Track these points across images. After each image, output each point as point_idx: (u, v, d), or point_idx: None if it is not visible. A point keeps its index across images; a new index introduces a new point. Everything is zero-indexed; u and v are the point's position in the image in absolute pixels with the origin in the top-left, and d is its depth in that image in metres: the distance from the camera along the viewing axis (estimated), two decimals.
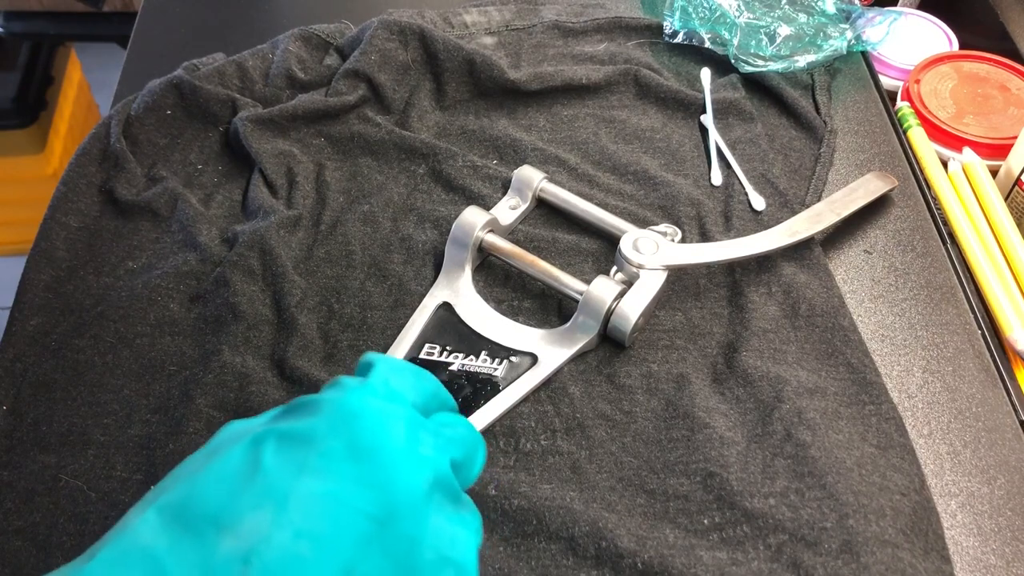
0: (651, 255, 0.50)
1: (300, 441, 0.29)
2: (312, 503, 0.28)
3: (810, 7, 0.68)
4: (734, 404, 0.46)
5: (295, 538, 0.27)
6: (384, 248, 0.54)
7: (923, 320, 0.52)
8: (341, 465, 0.29)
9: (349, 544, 0.28)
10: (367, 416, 0.30)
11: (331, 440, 0.29)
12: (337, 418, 0.30)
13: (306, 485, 0.28)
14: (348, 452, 0.29)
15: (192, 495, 0.28)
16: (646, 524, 0.42)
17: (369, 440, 0.29)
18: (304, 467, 0.28)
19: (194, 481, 0.28)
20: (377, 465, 0.29)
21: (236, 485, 0.28)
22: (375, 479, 0.29)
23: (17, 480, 0.43)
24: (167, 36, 0.71)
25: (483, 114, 0.63)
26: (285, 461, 0.28)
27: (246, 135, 0.58)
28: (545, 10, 0.71)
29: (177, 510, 0.27)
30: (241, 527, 0.27)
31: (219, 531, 0.27)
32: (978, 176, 0.62)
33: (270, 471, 0.28)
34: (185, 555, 0.26)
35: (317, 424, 0.30)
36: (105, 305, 0.50)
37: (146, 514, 0.27)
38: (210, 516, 0.27)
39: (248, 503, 0.27)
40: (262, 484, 0.28)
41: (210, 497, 0.28)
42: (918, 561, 0.40)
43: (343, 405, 0.30)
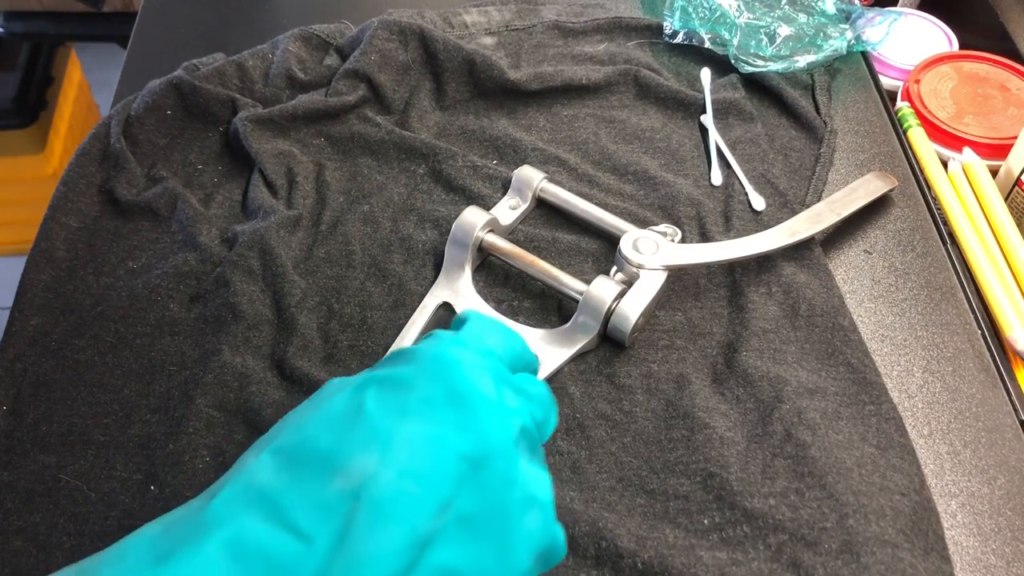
0: (651, 255, 0.50)
1: (400, 387, 0.31)
2: (414, 444, 0.30)
3: (810, 7, 0.68)
4: (734, 404, 0.46)
5: (399, 477, 0.29)
6: (384, 248, 0.54)
7: (923, 320, 0.52)
8: (440, 410, 0.31)
9: (448, 483, 0.30)
10: (462, 366, 0.32)
11: (430, 387, 0.31)
12: (435, 367, 0.32)
13: (408, 428, 0.30)
14: (446, 398, 0.31)
15: (303, 439, 0.30)
16: (646, 524, 0.42)
17: (465, 388, 0.32)
18: (405, 411, 0.30)
19: (304, 426, 0.31)
20: (473, 411, 0.31)
21: (343, 429, 0.30)
22: (471, 424, 0.31)
23: (17, 480, 0.43)
24: (167, 36, 0.71)
25: (483, 114, 0.63)
26: (387, 406, 0.31)
27: (246, 135, 0.58)
28: (545, 10, 0.71)
29: (289, 453, 0.30)
30: (350, 467, 0.29)
31: (330, 471, 0.29)
32: (978, 176, 0.62)
33: (374, 415, 0.30)
34: (300, 493, 0.28)
35: (416, 372, 0.32)
36: (105, 305, 0.50)
37: (260, 457, 0.29)
38: (321, 457, 0.29)
39: (355, 444, 0.29)
40: (367, 427, 0.30)
41: (320, 440, 0.30)
42: (918, 561, 0.40)
43: (440, 355, 0.32)
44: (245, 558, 0.27)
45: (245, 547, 0.27)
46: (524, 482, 0.31)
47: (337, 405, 0.31)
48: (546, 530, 0.32)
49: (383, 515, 0.28)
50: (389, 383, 0.32)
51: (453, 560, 0.29)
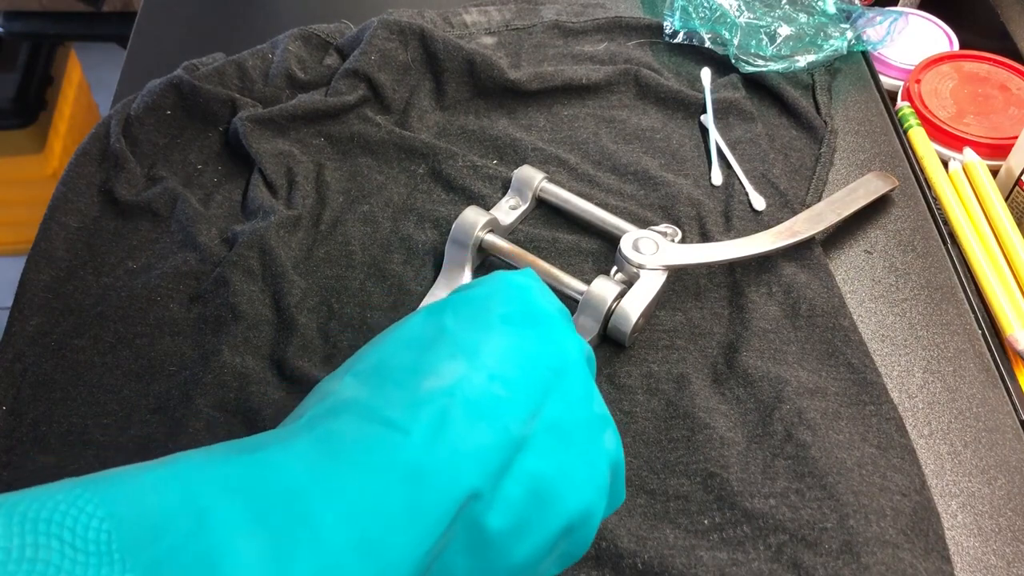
0: (651, 255, 0.50)
1: (477, 307, 0.32)
2: (501, 353, 0.30)
3: (810, 7, 0.68)
4: (734, 404, 0.46)
5: (490, 380, 0.29)
6: (384, 248, 0.54)
7: (923, 320, 0.52)
8: (519, 325, 0.31)
9: (535, 389, 0.30)
10: (535, 290, 0.33)
11: (507, 305, 0.32)
12: (509, 289, 0.33)
13: (493, 340, 0.30)
14: (523, 315, 0.32)
15: (383, 359, 0.30)
16: (646, 524, 0.42)
17: (540, 308, 0.32)
18: (488, 327, 0.31)
19: (382, 350, 0.31)
20: (551, 327, 0.32)
21: (425, 346, 0.30)
22: (551, 338, 0.32)
23: (17, 480, 0.43)
24: (167, 36, 0.71)
25: (483, 114, 0.63)
26: (467, 323, 0.31)
27: (246, 135, 0.58)
28: (545, 10, 0.71)
29: (372, 372, 0.29)
30: (439, 372, 0.29)
31: (418, 376, 0.29)
32: (978, 176, 0.62)
33: (455, 332, 0.30)
34: (389, 396, 0.28)
35: (491, 293, 0.32)
36: (105, 305, 0.50)
37: (344, 379, 0.29)
38: (407, 370, 0.29)
39: (442, 356, 0.29)
40: (451, 342, 0.30)
41: (401, 357, 0.30)
42: (918, 561, 0.40)
43: (511, 281, 0.33)
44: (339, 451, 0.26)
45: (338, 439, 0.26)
46: (599, 401, 0.32)
47: (414, 329, 0.31)
48: (619, 449, 0.32)
49: (478, 411, 0.28)
50: (465, 305, 0.32)
51: (544, 466, 0.29)
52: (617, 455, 0.32)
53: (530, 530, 0.29)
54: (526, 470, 0.29)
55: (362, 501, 0.25)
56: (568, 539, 0.31)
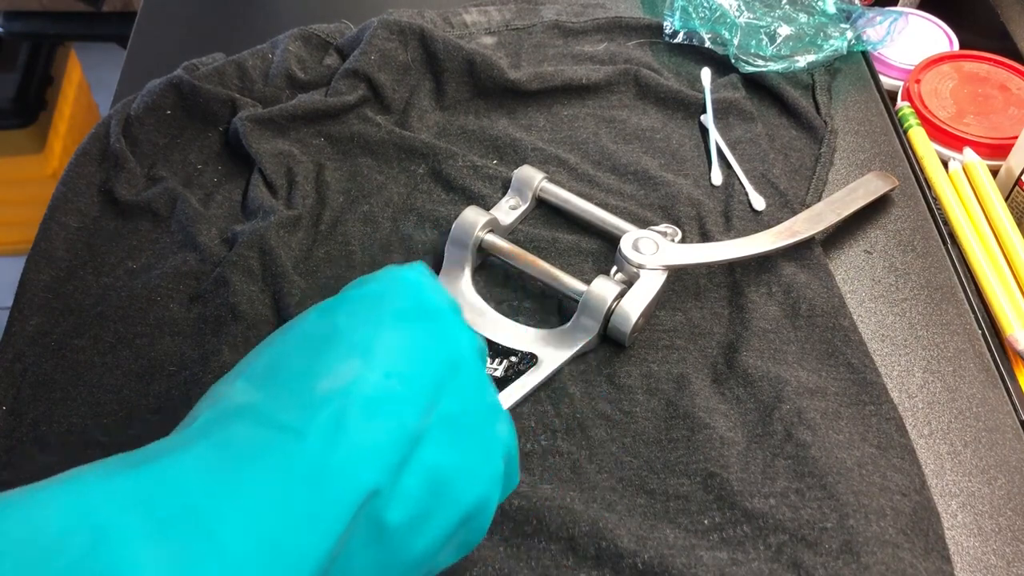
0: (651, 255, 0.50)
1: (370, 303, 0.32)
2: (395, 349, 0.30)
3: (810, 7, 0.68)
4: (734, 404, 0.46)
5: (386, 377, 0.29)
6: (384, 248, 0.54)
7: (923, 320, 0.52)
8: (412, 320, 0.32)
9: (430, 383, 0.30)
10: (427, 285, 0.33)
11: (400, 300, 0.32)
12: (401, 285, 0.33)
13: (386, 336, 0.31)
14: (416, 310, 0.32)
15: (277, 360, 0.30)
16: (646, 524, 0.42)
17: (433, 303, 0.33)
18: (381, 323, 0.31)
19: (274, 351, 0.31)
20: (443, 323, 0.32)
21: (318, 345, 0.30)
22: (444, 333, 0.32)
23: (17, 480, 0.43)
24: (167, 36, 0.71)
25: (483, 114, 0.63)
26: (361, 321, 0.31)
27: (246, 135, 0.58)
28: (545, 10, 0.71)
29: (267, 373, 0.30)
30: (333, 373, 0.29)
31: (313, 378, 0.29)
32: (978, 176, 0.62)
33: (349, 329, 0.31)
34: (284, 399, 0.28)
35: (383, 289, 0.33)
36: (105, 305, 0.50)
37: (236, 383, 0.30)
38: (300, 371, 0.29)
39: (336, 356, 0.30)
40: (345, 340, 0.30)
41: (296, 358, 0.30)
42: (918, 561, 0.40)
43: (405, 276, 0.33)
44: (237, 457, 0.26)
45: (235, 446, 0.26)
46: (492, 393, 0.33)
47: (306, 328, 0.31)
48: (512, 436, 0.33)
49: (375, 410, 0.28)
50: (357, 301, 0.32)
51: (441, 459, 0.30)
52: (510, 443, 0.33)
53: (429, 522, 0.30)
54: (424, 463, 0.29)
55: (261, 508, 0.25)
56: (465, 528, 0.31)
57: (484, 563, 0.40)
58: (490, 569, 0.40)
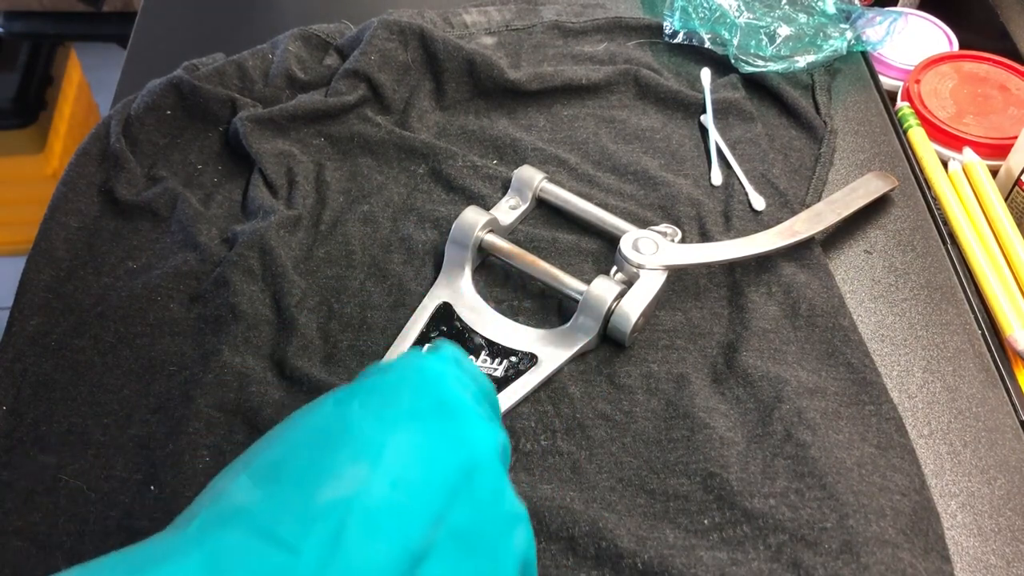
0: (651, 255, 0.50)
1: (386, 398, 0.31)
2: (406, 455, 0.29)
3: (810, 7, 0.68)
4: (734, 404, 0.46)
5: (392, 487, 0.28)
6: (384, 248, 0.54)
7: (923, 320, 0.52)
8: (429, 420, 0.30)
9: (441, 494, 0.29)
10: (449, 379, 0.32)
11: (418, 397, 0.31)
12: (421, 378, 0.32)
13: (399, 439, 0.29)
14: (435, 409, 0.31)
15: (283, 456, 0.29)
16: (646, 524, 0.42)
17: (452, 400, 0.31)
18: (395, 423, 0.30)
19: (283, 443, 0.30)
20: (462, 422, 0.31)
21: (327, 443, 0.29)
22: (461, 435, 0.30)
23: (17, 480, 0.43)
24: (167, 36, 0.71)
25: (483, 114, 0.63)
26: (374, 417, 0.30)
27: (246, 135, 0.58)
28: (545, 10, 0.71)
29: (269, 471, 0.28)
30: (339, 477, 0.28)
31: (315, 483, 0.28)
32: (978, 176, 0.62)
33: (361, 426, 0.29)
34: (284, 505, 0.27)
35: (401, 382, 0.31)
36: (105, 305, 0.50)
37: (238, 479, 0.28)
38: (304, 471, 0.28)
39: (344, 457, 0.28)
40: (355, 439, 0.29)
41: (301, 456, 0.29)
42: (918, 561, 0.40)
43: (425, 367, 0.32)
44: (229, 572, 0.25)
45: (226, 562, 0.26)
46: (510, 497, 0.31)
47: (317, 420, 0.30)
48: (530, 544, 0.31)
49: (376, 526, 0.27)
50: (374, 394, 0.31)
51: None
52: (528, 552, 0.31)
53: None
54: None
55: None
56: None
57: None
58: None
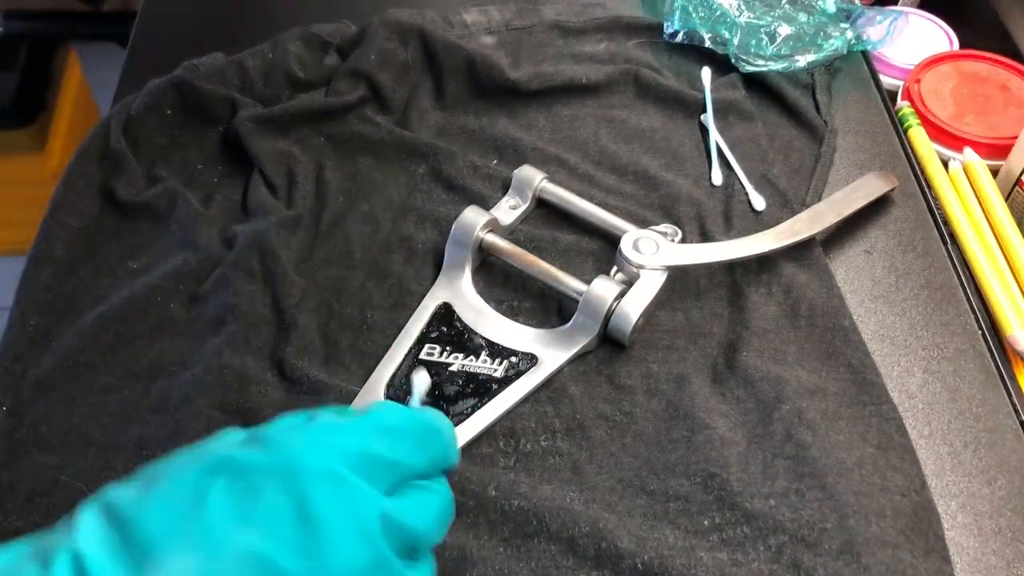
0: (651, 255, 0.50)
1: (249, 488, 0.29)
2: (244, 561, 0.28)
3: (810, 7, 0.68)
4: (734, 404, 0.46)
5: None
6: (384, 248, 0.54)
7: (923, 320, 0.52)
8: (283, 527, 0.28)
9: None
10: (319, 478, 0.29)
11: (278, 497, 0.29)
12: (287, 473, 0.29)
13: (243, 539, 0.28)
14: (295, 514, 0.29)
15: (139, 514, 0.29)
16: (646, 525, 0.42)
17: (316, 505, 0.29)
18: (248, 519, 0.28)
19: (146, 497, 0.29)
20: (319, 537, 0.29)
21: (179, 516, 0.28)
22: (314, 550, 0.28)
23: (17, 480, 0.43)
24: (167, 36, 0.71)
25: (483, 114, 0.63)
26: (230, 506, 0.29)
27: (246, 135, 0.58)
28: (545, 10, 0.71)
29: (118, 522, 0.28)
30: (171, 564, 0.27)
31: (150, 562, 0.27)
32: (979, 176, 0.62)
33: (213, 513, 0.28)
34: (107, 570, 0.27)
35: (268, 473, 0.29)
36: (105, 305, 0.50)
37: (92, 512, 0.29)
38: (148, 541, 0.28)
39: (184, 540, 0.28)
40: (203, 524, 0.28)
41: (153, 520, 0.28)
42: (918, 562, 0.40)
43: (299, 460, 0.30)
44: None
45: None
46: None
47: (184, 484, 0.29)
48: None
49: None
50: (241, 476, 0.29)
51: None
52: None
53: None
54: None
55: None
56: None
57: (484, 563, 0.40)
58: (490, 569, 0.40)
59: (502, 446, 0.45)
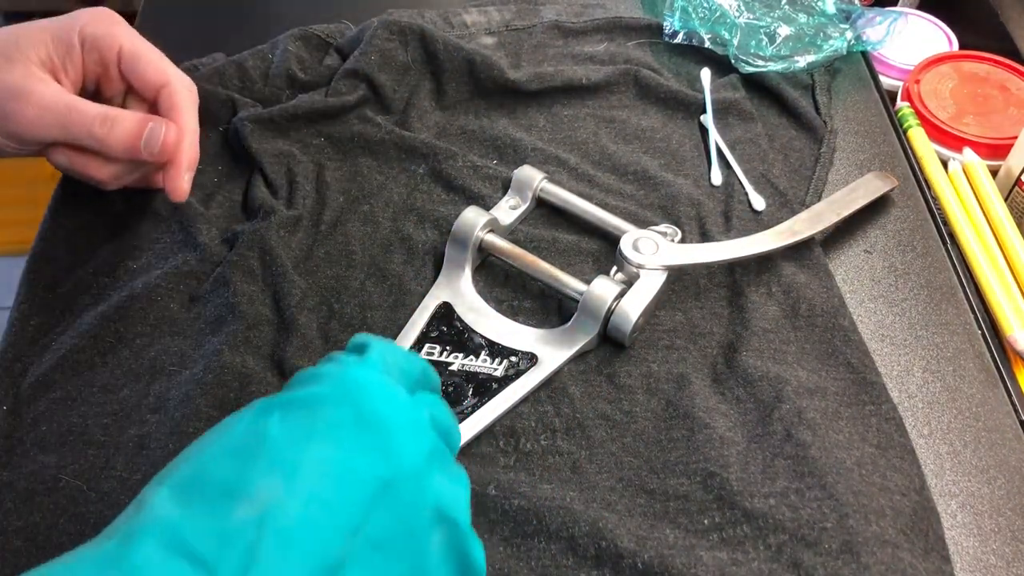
0: (651, 255, 0.50)
1: (305, 410, 0.31)
2: (322, 469, 0.29)
3: (810, 7, 0.68)
4: (734, 404, 0.46)
5: (306, 503, 0.28)
6: (384, 248, 0.54)
7: (923, 320, 0.52)
8: (348, 432, 0.30)
9: (357, 507, 0.29)
10: (371, 387, 0.32)
11: (337, 409, 0.31)
12: (342, 389, 0.32)
13: (315, 452, 0.30)
14: (354, 421, 0.31)
15: (202, 469, 0.29)
16: (646, 524, 0.42)
17: (374, 409, 0.31)
18: (312, 435, 0.30)
19: (202, 456, 0.30)
20: (383, 432, 0.31)
21: (245, 456, 0.29)
22: (381, 445, 0.31)
23: (17, 480, 0.43)
24: (167, 36, 0.71)
25: (483, 114, 0.63)
26: (292, 430, 0.30)
27: (246, 135, 0.58)
28: (545, 10, 0.71)
29: (188, 484, 0.29)
30: (254, 494, 0.28)
31: (232, 499, 0.28)
32: (978, 176, 0.62)
33: (277, 440, 0.30)
34: (200, 523, 0.28)
35: (322, 393, 0.31)
36: (105, 305, 0.50)
37: (160, 492, 0.29)
38: (221, 486, 0.29)
39: (259, 472, 0.29)
40: (270, 453, 0.29)
41: (220, 469, 0.29)
42: (918, 561, 0.40)
43: (347, 377, 0.32)
44: None
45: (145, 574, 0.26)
46: (436, 500, 0.31)
47: (237, 433, 0.30)
48: (458, 548, 0.32)
49: (289, 542, 0.28)
50: (293, 406, 0.31)
51: None
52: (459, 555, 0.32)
53: None
54: None
55: None
56: None
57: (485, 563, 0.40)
58: (490, 568, 0.40)
59: (502, 445, 0.45)
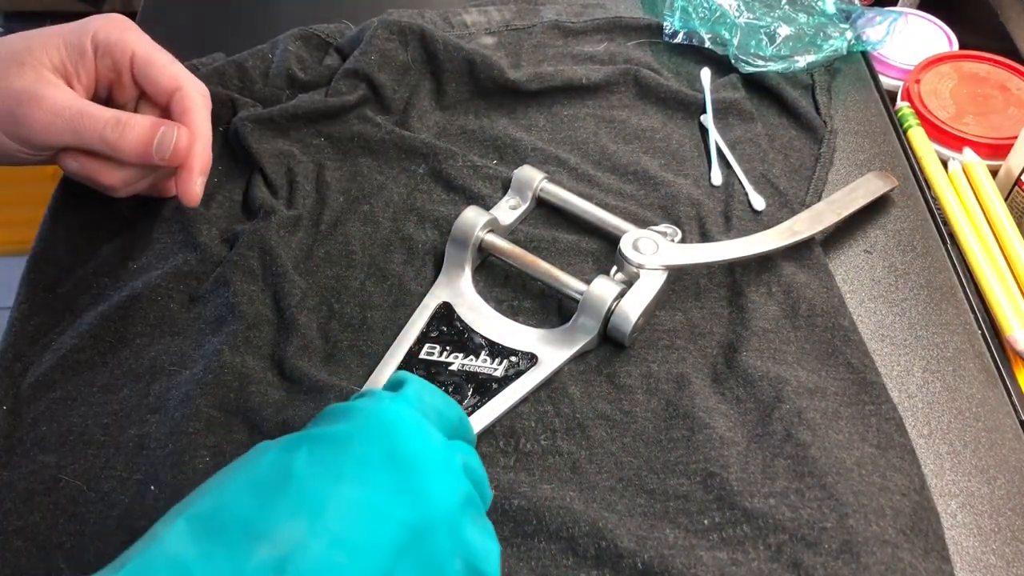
0: (651, 255, 0.50)
1: (335, 447, 0.29)
2: (349, 511, 0.28)
3: (810, 7, 0.68)
4: (734, 404, 0.46)
5: (331, 546, 0.27)
6: (384, 248, 0.54)
7: (923, 320, 0.52)
8: (378, 473, 0.29)
9: (385, 552, 0.28)
10: (405, 425, 0.30)
11: (368, 447, 0.29)
12: (374, 426, 0.30)
13: (342, 493, 0.28)
14: (386, 460, 0.29)
15: (223, 504, 0.28)
16: (646, 524, 0.42)
17: (407, 449, 0.29)
18: (340, 474, 0.28)
19: (224, 490, 0.28)
20: (415, 474, 0.29)
21: (269, 493, 0.28)
22: (413, 488, 0.29)
23: (17, 480, 0.43)
24: (167, 36, 0.71)
25: (483, 114, 0.63)
26: (319, 468, 0.28)
27: (246, 135, 0.58)
28: (545, 10, 0.71)
29: (207, 519, 0.27)
30: (276, 535, 0.26)
31: (252, 539, 0.26)
32: (978, 176, 0.62)
33: (304, 478, 0.28)
34: (216, 562, 0.26)
35: (352, 431, 0.30)
36: (105, 305, 0.50)
37: (176, 524, 0.27)
38: (242, 524, 0.27)
39: (283, 511, 0.27)
40: (297, 491, 0.28)
41: (241, 505, 0.27)
42: (918, 561, 0.40)
43: (380, 413, 0.30)
44: None
45: None
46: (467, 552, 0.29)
47: (263, 467, 0.29)
48: None
49: None
50: (322, 443, 0.29)
51: None
52: None
53: None
54: None
55: None
56: None
57: None
58: None
59: (502, 445, 0.45)
